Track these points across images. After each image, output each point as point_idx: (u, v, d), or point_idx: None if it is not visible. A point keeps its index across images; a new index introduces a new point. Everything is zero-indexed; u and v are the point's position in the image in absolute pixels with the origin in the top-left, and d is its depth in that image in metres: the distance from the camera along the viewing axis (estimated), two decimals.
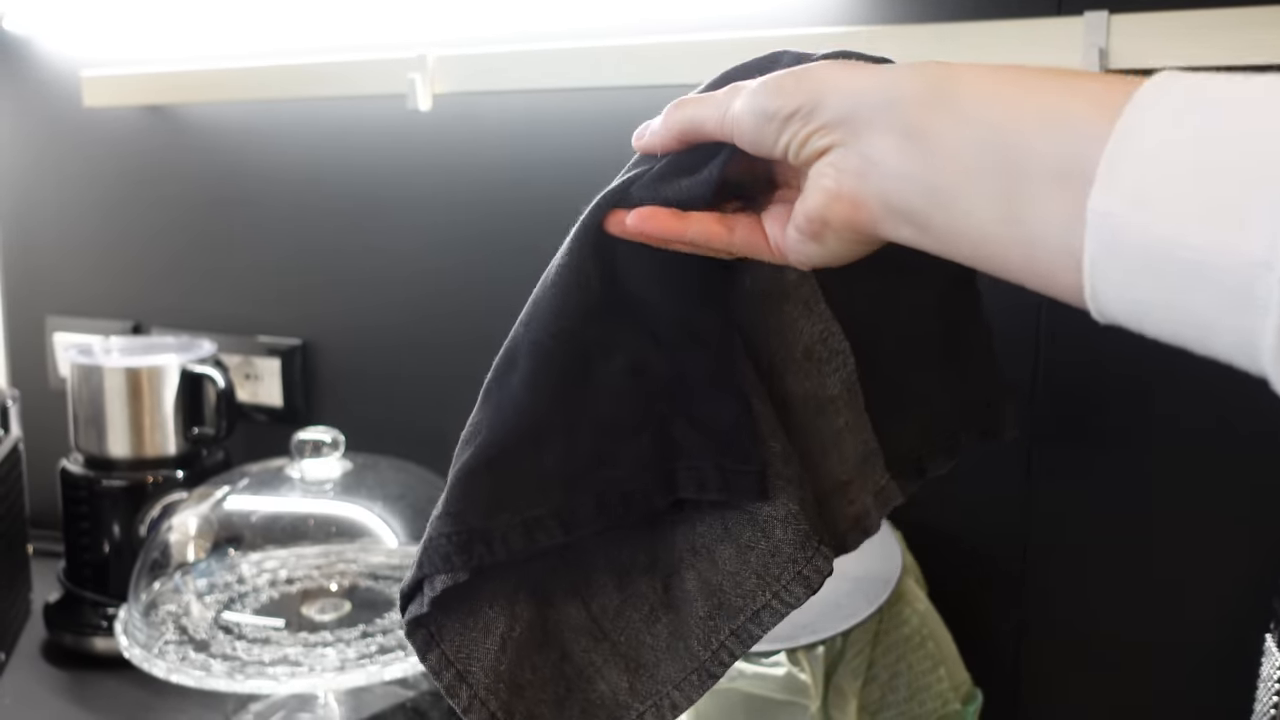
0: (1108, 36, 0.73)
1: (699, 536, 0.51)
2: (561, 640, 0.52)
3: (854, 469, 0.54)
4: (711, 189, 0.46)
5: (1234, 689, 0.78)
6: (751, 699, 0.68)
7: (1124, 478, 0.79)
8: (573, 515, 0.48)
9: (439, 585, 0.48)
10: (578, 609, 0.52)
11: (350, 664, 0.82)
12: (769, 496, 0.49)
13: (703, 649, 0.51)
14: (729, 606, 0.51)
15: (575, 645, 0.52)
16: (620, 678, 0.52)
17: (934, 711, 0.75)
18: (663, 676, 0.51)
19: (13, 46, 1.29)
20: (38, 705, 0.95)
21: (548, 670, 0.51)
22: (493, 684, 0.50)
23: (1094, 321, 0.37)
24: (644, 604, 0.52)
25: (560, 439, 0.48)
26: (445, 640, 0.50)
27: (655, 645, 0.52)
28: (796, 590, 0.50)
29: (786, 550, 0.49)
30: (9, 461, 1.03)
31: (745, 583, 0.50)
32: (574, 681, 0.51)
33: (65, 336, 1.31)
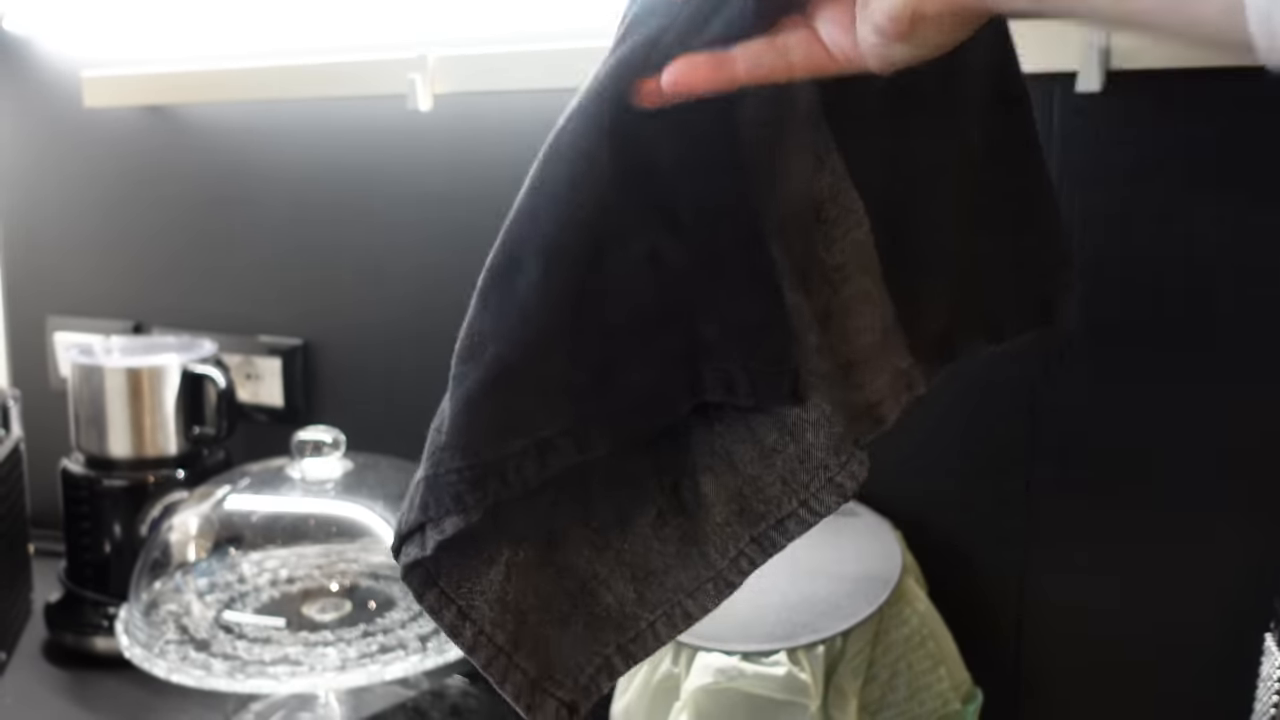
0: (1108, 36, 0.73)
1: (717, 438, 0.46)
2: (562, 554, 0.47)
3: (866, 349, 0.48)
4: (752, 12, 0.39)
5: (1234, 688, 0.78)
6: (751, 699, 0.68)
7: (1124, 477, 0.79)
8: (587, 432, 0.43)
9: (449, 528, 0.44)
10: (579, 521, 0.48)
11: (351, 663, 0.82)
12: (802, 399, 0.44)
13: (720, 556, 0.47)
14: (750, 513, 0.46)
15: (577, 557, 0.47)
16: (627, 587, 0.47)
17: (934, 711, 0.75)
18: (673, 584, 0.47)
19: (13, 47, 1.29)
20: (39, 705, 0.95)
21: (549, 588, 0.47)
22: (499, 616, 0.45)
23: (1096, 319, 0.36)
24: (650, 508, 0.47)
25: (572, 346, 0.43)
26: (444, 576, 0.45)
27: (664, 551, 0.47)
28: (827, 498, 0.46)
29: (818, 455, 0.45)
30: (10, 461, 1.03)
31: (768, 489, 0.46)
32: (578, 596, 0.47)
33: (66, 336, 1.31)
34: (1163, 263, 0.76)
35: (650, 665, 0.73)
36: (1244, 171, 0.73)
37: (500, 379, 0.42)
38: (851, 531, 0.81)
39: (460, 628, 0.45)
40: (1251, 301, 0.74)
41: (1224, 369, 0.75)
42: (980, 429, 0.83)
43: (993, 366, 0.81)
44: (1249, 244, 0.73)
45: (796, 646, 0.69)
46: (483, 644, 0.45)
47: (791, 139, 0.46)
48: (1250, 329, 0.74)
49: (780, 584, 0.75)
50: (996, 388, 0.82)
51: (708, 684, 0.68)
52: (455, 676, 0.96)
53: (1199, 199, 0.74)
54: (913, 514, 0.86)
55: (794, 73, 0.40)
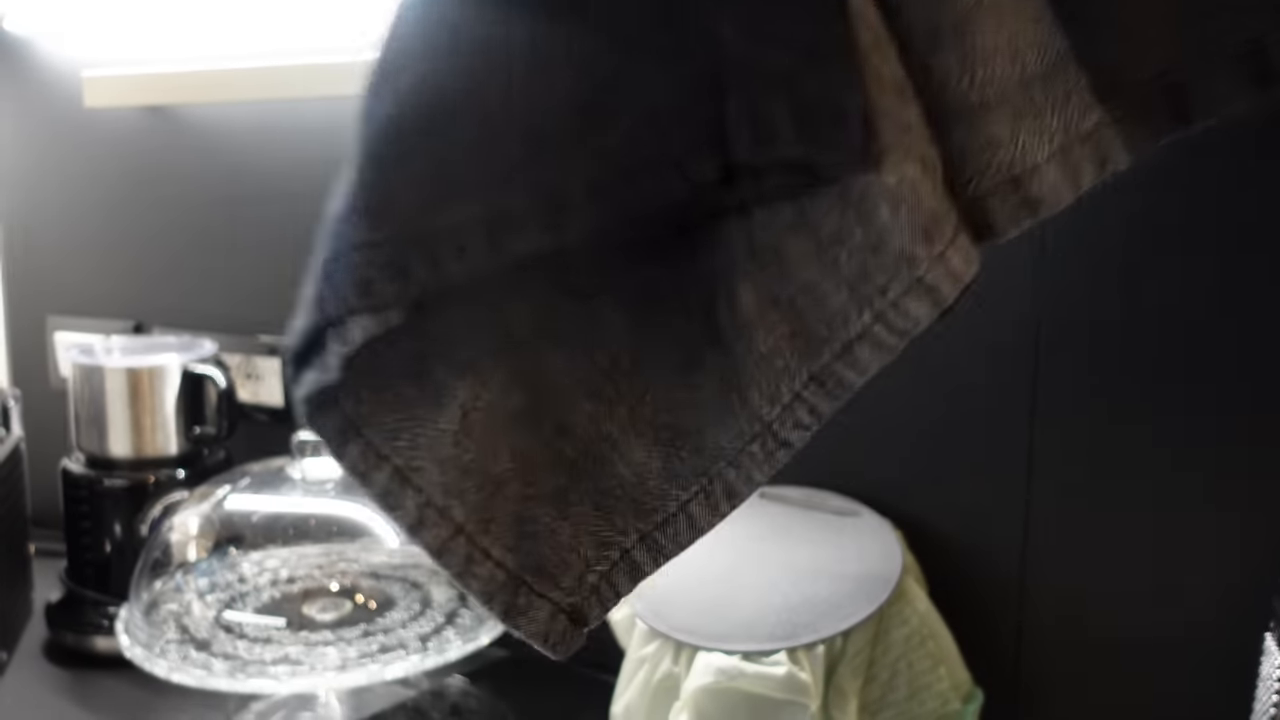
0: None
1: (757, 229, 0.31)
2: (554, 407, 0.34)
3: (1002, 87, 0.31)
4: None
5: (1234, 688, 0.78)
6: (752, 698, 0.68)
7: (1124, 477, 0.79)
8: (560, 202, 0.29)
9: (357, 333, 0.31)
10: (576, 358, 0.34)
11: (351, 663, 0.82)
12: (872, 156, 0.29)
13: (768, 404, 0.33)
14: (807, 337, 0.32)
15: (575, 412, 0.34)
16: (648, 454, 0.34)
17: (934, 711, 0.75)
18: (711, 448, 0.34)
19: (13, 47, 1.30)
20: (39, 704, 0.95)
21: (537, 452, 0.34)
22: (455, 481, 0.32)
23: (1096, 319, 0.33)
24: (677, 344, 0.33)
25: (534, 65, 0.29)
26: (372, 424, 0.32)
27: (699, 403, 0.34)
28: (914, 307, 0.32)
29: (897, 242, 0.30)
30: (10, 461, 1.03)
31: (830, 299, 0.32)
32: (579, 465, 0.34)
33: (66, 336, 1.31)
34: (1163, 262, 0.76)
35: (650, 665, 0.73)
36: (1245, 170, 0.73)
37: (427, 113, 0.29)
38: (852, 531, 0.81)
39: (398, 496, 0.32)
40: (1252, 301, 0.74)
41: (1223, 368, 0.75)
42: (981, 429, 0.83)
43: (992, 366, 0.82)
44: (1249, 243, 0.73)
45: (797, 646, 0.69)
46: (431, 519, 0.32)
47: None
48: (1250, 328, 0.74)
49: (781, 584, 0.75)
50: (996, 388, 0.82)
51: (708, 683, 0.68)
52: (455, 676, 0.96)
53: (1199, 198, 0.74)
54: (913, 514, 0.86)
55: None
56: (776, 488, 0.90)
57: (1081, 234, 0.78)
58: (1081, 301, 0.78)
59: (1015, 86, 0.32)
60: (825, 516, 0.84)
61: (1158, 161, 0.75)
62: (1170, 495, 0.78)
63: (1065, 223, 0.78)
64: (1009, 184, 0.32)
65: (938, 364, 0.84)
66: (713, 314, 0.33)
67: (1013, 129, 0.32)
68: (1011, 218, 0.33)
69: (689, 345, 0.33)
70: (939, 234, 0.31)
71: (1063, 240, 0.78)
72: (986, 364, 0.82)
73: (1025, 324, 0.80)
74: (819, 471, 0.90)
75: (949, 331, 0.83)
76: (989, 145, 0.32)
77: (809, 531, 0.82)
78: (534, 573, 0.34)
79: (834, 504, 0.86)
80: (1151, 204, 0.76)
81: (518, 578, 0.33)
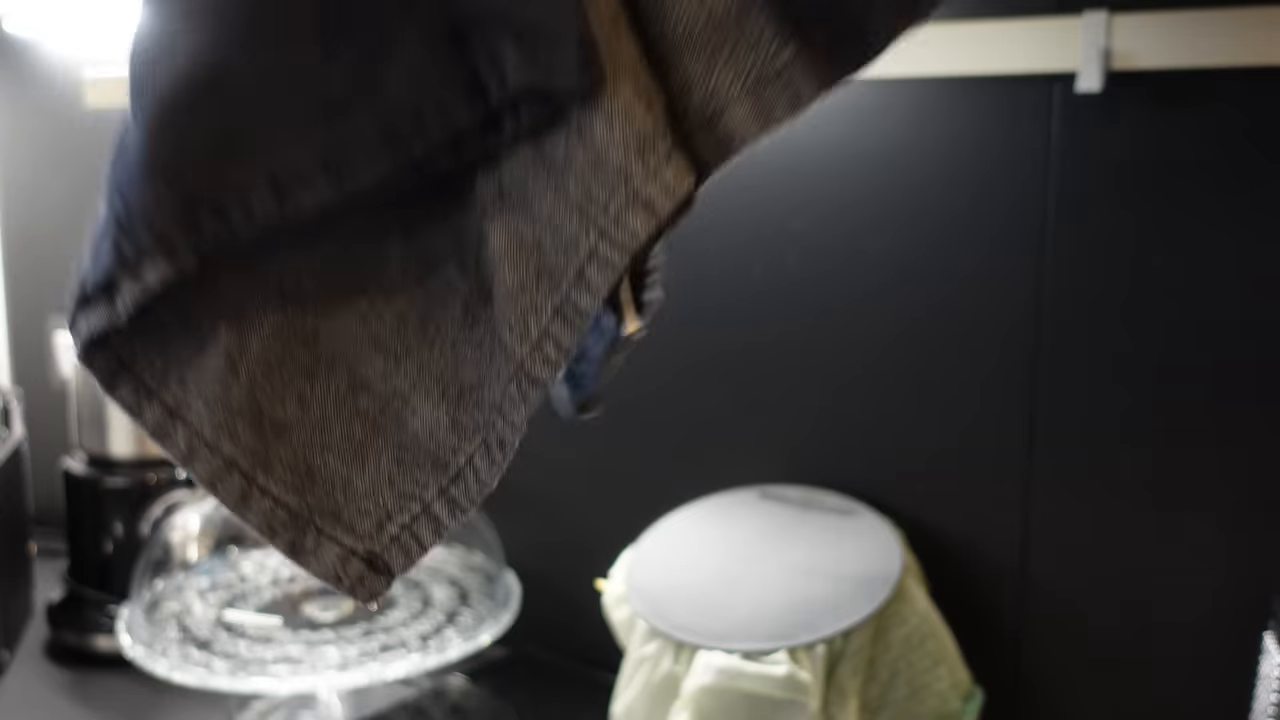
0: (1108, 36, 0.73)
1: (505, 174, 0.33)
2: (348, 362, 0.35)
3: (693, 29, 0.33)
4: None
5: (1234, 688, 0.78)
6: (752, 698, 0.68)
7: (1124, 477, 0.79)
8: (341, 157, 0.31)
9: (151, 277, 0.33)
10: (365, 315, 0.35)
11: (352, 662, 0.82)
12: (591, 77, 0.31)
13: (519, 343, 0.33)
14: (550, 271, 0.33)
15: (369, 368, 0.36)
16: (436, 409, 0.36)
17: (934, 710, 0.75)
18: (489, 400, 0.35)
19: (15, 48, 1.30)
20: (41, 704, 0.95)
21: (332, 405, 0.36)
22: (225, 420, 0.35)
23: (1095, 318, 0.34)
24: (456, 298, 0.35)
25: (310, 42, 0.31)
26: (140, 361, 0.35)
27: (478, 357, 0.35)
28: (632, 220, 0.32)
29: (614, 157, 0.32)
30: (12, 461, 1.03)
31: (565, 227, 0.32)
32: (378, 420, 0.36)
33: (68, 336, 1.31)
34: (1162, 262, 0.76)
35: (651, 664, 0.74)
36: (1245, 171, 0.73)
37: (209, 80, 0.30)
38: (852, 531, 0.81)
39: (168, 430, 0.35)
40: (1251, 300, 0.74)
41: (1223, 368, 0.75)
42: (980, 429, 0.83)
43: (993, 367, 0.82)
44: (1249, 243, 0.73)
45: (797, 645, 0.69)
46: (201, 454, 0.35)
47: None
48: (1250, 328, 0.74)
49: (781, 583, 0.75)
50: (996, 389, 0.82)
51: (708, 683, 0.68)
52: (456, 675, 0.96)
53: (1199, 198, 0.74)
54: (913, 514, 0.86)
55: None
56: (776, 488, 0.90)
57: (1083, 233, 0.78)
58: (1082, 302, 0.78)
59: (705, 27, 0.33)
60: (825, 516, 0.84)
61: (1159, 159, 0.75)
62: (1170, 495, 0.78)
63: (1067, 222, 0.78)
64: (706, 123, 0.34)
65: (938, 365, 0.84)
66: (483, 266, 0.34)
67: (707, 68, 0.33)
68: (714, 154, 0.35)
69: (466, 298, 0.35)
70: (652, 150, 0.32)
71: (1064, 240, 0.78)
72: (987, 365, 0.82)
73: (1026, 325, 0.80)
74: (819, 471, 0.90)
75: (948, 333, 0.84)
76: (688, 84, 0.34)
77: (809, 531, 0.82)
78: (325, 516, 0.36)
79: (833, 504, 0.86)
80: (1151, 203, 0.76)
81: (303, 518, 0.36)
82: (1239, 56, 0.70)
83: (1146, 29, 0.72)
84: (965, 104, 0.80)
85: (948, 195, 0.82)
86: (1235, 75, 0.72)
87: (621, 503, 0.99)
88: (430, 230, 0.35)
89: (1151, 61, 0.73)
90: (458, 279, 0.35)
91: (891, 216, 0.84)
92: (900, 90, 0.82)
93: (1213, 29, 0.71)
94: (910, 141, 0.83)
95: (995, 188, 0.80)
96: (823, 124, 0.85)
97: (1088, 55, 0.73)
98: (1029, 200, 0.79)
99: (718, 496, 0.90)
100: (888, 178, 0.84)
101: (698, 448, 0.94)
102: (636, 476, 0.98)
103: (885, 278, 0.85)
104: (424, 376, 0.36)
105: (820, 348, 0.88)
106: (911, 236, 0.83)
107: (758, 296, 0.90)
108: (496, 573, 0.95)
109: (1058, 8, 0.76)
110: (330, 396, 0.36)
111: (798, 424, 0.90)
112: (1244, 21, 0.70)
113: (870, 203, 0.85)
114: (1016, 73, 0.78)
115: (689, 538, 0.83)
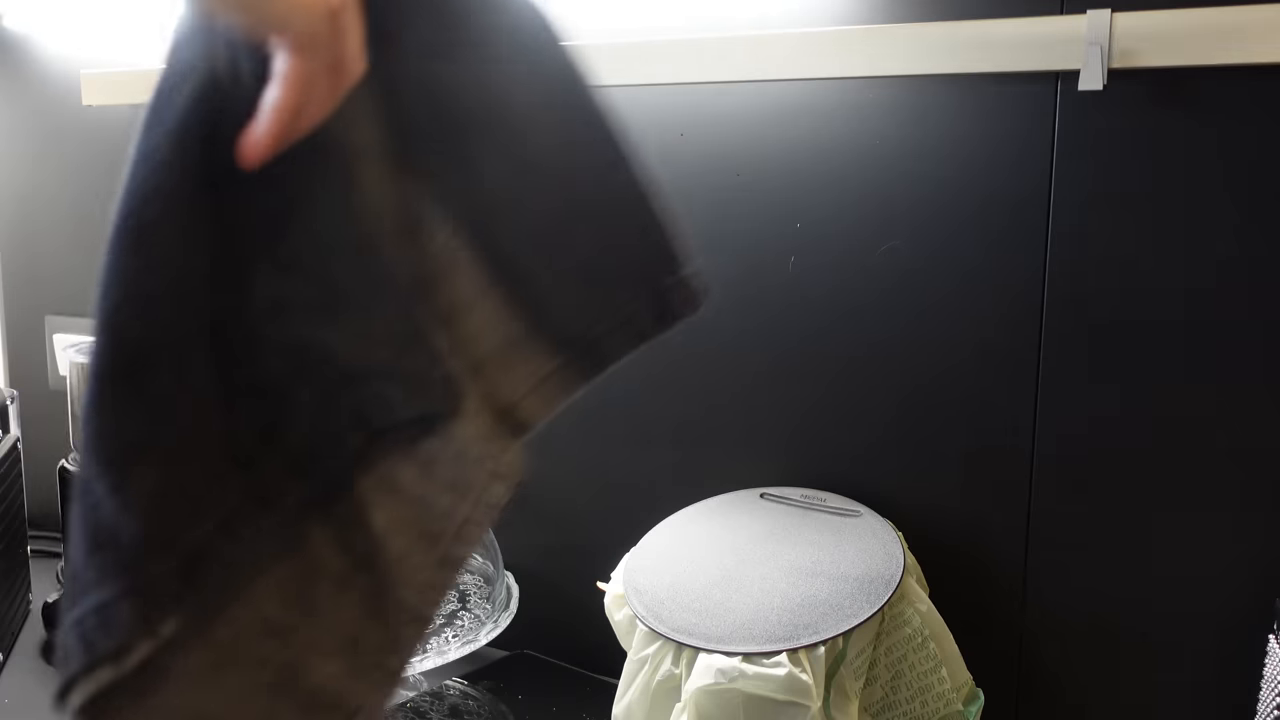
0: (1110, 35, 0.73)
1: (377, 471, 0.44)
2: (251, 651, 0.43)
3: (493, 349, 0.48)
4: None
5: (1235, 689, 0.77)
6: (753, 699, 0.68)
7: (1125, 478, 0.79)
8: (267, 494, 0.42)
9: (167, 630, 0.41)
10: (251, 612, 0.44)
11: None
12: (459, 399, 0.45)
13: (413, 593, 0.45)
14: (429, 535, 0.45)
15: (261, 649, 0.43)
16: (330, 662, 0.44)
17: (936, 712, 0.75)
18: (375, 644, 0.45)
19: (12, 45, 1.29)
20: (37, 705, 0.94)
21: (242, 688, 0.43)
22: None
23: (1095, 318, 0.35)
24: (326, 575, 0.44)
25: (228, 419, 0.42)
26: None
27: (356, 614, 0.45)
28: (495, 490, 0.46)
29: (474, 450, 0.45)
30: (8, 461, 1.02)
31: (438, 502, 0.45)
32: (284, 681, 0.43)
33: (65, 336, 1.31)
34: (1163, 261, 0.76)
35: (651, 666, 0.73)
36: (1245, 169, 0.73)
37: (166, 474, 0.41)
38: (853, 532, 0.81)
39: None
40: (1251, 300, 0.74)
41: (1224, 368, 0.75)
42: (982, 430, 0.83)
43: (994, 367, 0.81)
44: (1249, 242, 0.73)
45: (798, 647, 0.69)
46: None
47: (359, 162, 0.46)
48: (1250, 328, 0.74)
49: (782, 585, 0.75)
50: (998, 389, 0.82)
51: (709, 684, 0.68)
52: (454, 677, 0.96)
53: (1200, 197, 0.74)
54: (915, 515, 0.86)
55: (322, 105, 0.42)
56: (777, 488, 0.90)
57: (1084, 231, 0.78)
58: (1084, 300, 0.78)
59: (500, 349, 0.48)
60: (825, 516, 0.84)
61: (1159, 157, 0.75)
62: (1172, 496, 0.78)
63: (1068, 226, 0.78)
64: (508, 410, 0.49)
65: (939, 366, 0.83)
66: (355, 545, 0.44)
67: (504, 374, 0.48)
68: (522, 430, 0.49)
69: (341, 576, 0.44)
70: (495, 438, 0.46)
71: (1066, 237, 0.78)
72: (988, 365, 0.82)
73: (1027, 324, 0.80)
74: (819, 471, 0.89)
75: (950, 333, 0.84)
76: (495, 387, 0.48)
77: (809, 532, 0.81)
78: None
79: (834, 504, 0.86)
80: (1151, 201, 0.76)
81: None
82: (1240, 55, 0.70)
83: (1148, 28, 0.72)
84: (968, 102, 0.80)
85: (950, 193, 0.82)
86: (1236, 74, 0.72)
87: (621, 504, 0.99)
88: (309, 523, 0.44)
89: (1153, 60, 0.72)
90: (330, 558, 0.44)
91: (894, 215, 0.84)
92: (903, 88, 0.82)
93: (1214, 28, 0.70)
94: (913, 140, 0.82)
95: (998, 185, 0.80)
96: (824, 123, 0.85)
97: (1090, 54, 0.73)
98: (1031, 197, 0.79)
99: (718, 497, 0.90)
100: (890, 176, 0.83)
101: (698, 449, 0.94)
102: (636, 477, 0.98)
103: (887, 277, 0.85)
104: (313, 643, 0.44)
105: (821, 348, 0.88)
106: (913, 234, 0.83)
107: (759, 296, 0.90)
108: (495, 575, 0.94)
109: (1060, 7, 0.76)
110: (237, 681, 0.43)
111: (798, 424, 0.90)
112: (1245, 20, 0.70)
113: (872, 202, 0.84)
114: (1019, 71, 0.77)
115: (689, 539, 0.83)
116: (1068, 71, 0.76)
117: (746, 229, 0.89)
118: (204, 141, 0.42)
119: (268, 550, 0.43)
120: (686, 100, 0.90)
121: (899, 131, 0.83)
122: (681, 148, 0.91)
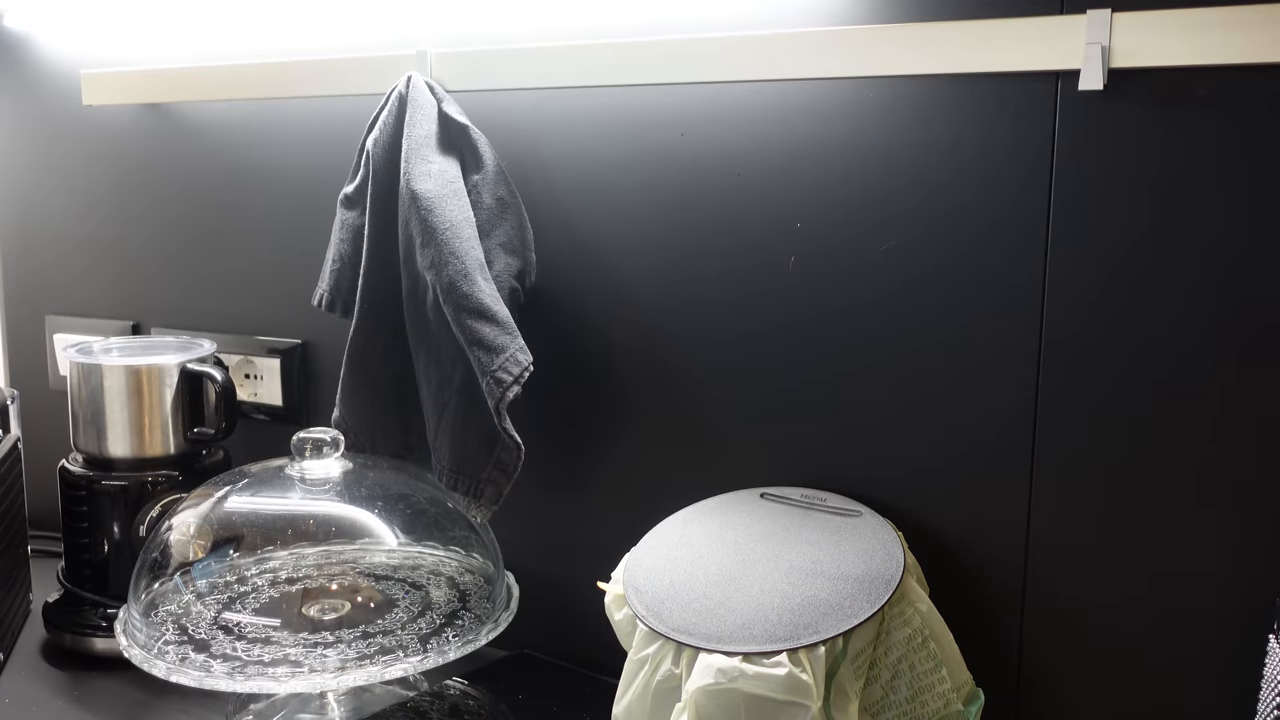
0: (1110, 35, 0.73)
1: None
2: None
3: (463, 456, 0.91)
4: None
5: (1236, 690, 0.77)
6: (753, 699, 0.68)
7: (1125, 478, 0.79)
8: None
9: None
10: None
11: (350, 664, 0.82)
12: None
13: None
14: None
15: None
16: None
17: (936, 712, 0.75)
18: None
19: (12, 44, 1.29)
20: (37, 705, 0.94)
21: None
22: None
23: (1096, 318, 0.35)
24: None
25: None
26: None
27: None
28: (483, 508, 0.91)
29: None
30: (9, 461, 1.02)
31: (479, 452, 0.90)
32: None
33: (65, 336, 1.31)
34: (1163, 260, 0.76)
35: (651, 666, 0.73)
36: (1245, 169, 0.73)
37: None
38: (853, 532, 0.81)
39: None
40: (1252, 299, 0.74)
41: (1224, 368, 0.75)
42: (982, 430, 0.83)
43: (993, 366, 0.81)
44: (1249, 241, 0.73)
45: (798, 647, 0.69)
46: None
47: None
48: (1250, 327, 0.74)
49: (781, 584, 0.75)
50: (998, 389, 0.82)
51: (708, 684, 0.68)
52: (455, 677, 0.96)
53: (1200, 197, 0.74)
54: (915, 514, 0.86)
55: None
56: (777, 488, 0.90)
57: (1085, 230, 0.78)
58: (1084, 300, 0.78)
59: (470, 454, 0.94)
60: (825, 516, 0.84)
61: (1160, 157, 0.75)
62: (1173, 496, 0.78)
63: (1068, 226, 0.78)
64: (479, 497, 0.93)
65: (940, 366, 0.83)
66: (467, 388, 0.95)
67: (468, 480, 0.94)
68: (484, 503, 0.93)
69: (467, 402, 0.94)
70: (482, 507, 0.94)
71: (1066, 237, 0.78)
72: (988, 365, 0.82)
73: (1028, 324, 0.80)
74: (819, 471, 0.89)
75: (950, 332, 0.84)
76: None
77: (809, 532, 0.81)
78: None
79: (834, 504, 0.86)
80: (1151, 201, 0.76)
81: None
82: (1240, 54, 0.70)
83: (1148, 27, 0.72)
84: (968, 102, 0.80)
85: (951, 193, 0.82)
86: (1237, 73, 0.72)
87: (621, 504, 0.99)
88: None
89: (1154, 59, 0.72)
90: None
91: (894, 215, 0.84)
92: (903, 88, 0.82)
93: (1214, 27, 0.70)
94: (913, 139, 0.82)
95: (998, 185, 0.80)
96: (825, 123, 0.85)
97: (1090, 53, 0.73)
98: (1032, 197, 0.79)
99: (718, 497, 0.90)
100: (891, 176, 0.83)
101: (698, 448, 0.94)
102: (636, 477, 0.98)
103: (887, 276, 0.85)
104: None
105: (821, 347, 0.88)
106: (914, 234, 0.83)
107: (759, 296, 0.90)
108: (495, 575, 0.94)
109: (1060, 7, 0.76)
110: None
111: (798, 424, 0.90)
112: (1245, 19, 0.70)
113: (873, 201, 0.84)
114: (1019, 71, 0.77)
115: (689, 539, 0.83)
116: (1068, 71, 0.76)
117: (746, 229, 0.89)
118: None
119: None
120: (686, 100, 0.90)
121: (899, 131, 0.83)
122: (681, 148, 0.91)
